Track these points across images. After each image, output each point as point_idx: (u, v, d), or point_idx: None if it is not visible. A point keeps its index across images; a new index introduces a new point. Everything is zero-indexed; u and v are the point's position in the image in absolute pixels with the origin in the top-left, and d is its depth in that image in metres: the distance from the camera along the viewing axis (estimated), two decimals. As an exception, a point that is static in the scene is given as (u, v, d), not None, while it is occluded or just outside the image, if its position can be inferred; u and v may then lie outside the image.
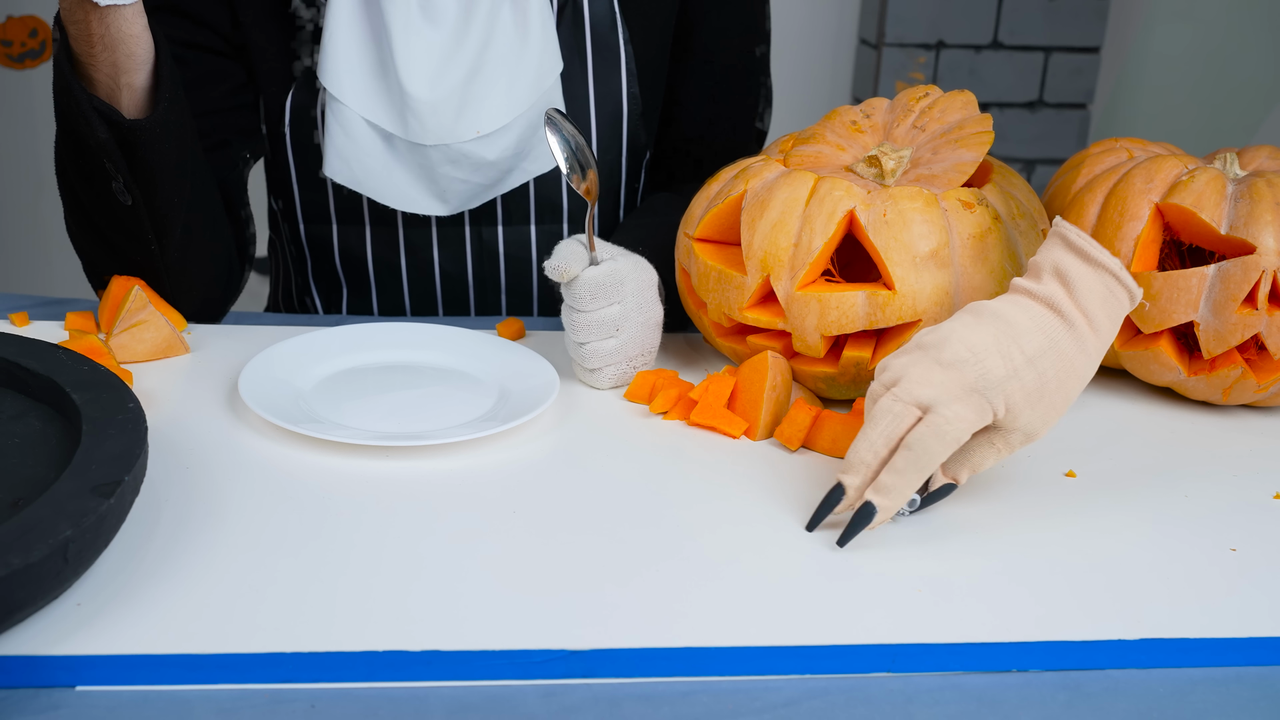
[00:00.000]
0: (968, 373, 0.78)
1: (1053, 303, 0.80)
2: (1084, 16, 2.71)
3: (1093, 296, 0.80)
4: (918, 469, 0.78)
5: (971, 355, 0.78)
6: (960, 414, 0.78)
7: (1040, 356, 0.79)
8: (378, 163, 1.17)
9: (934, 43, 2.69)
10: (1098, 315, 0.80)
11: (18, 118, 2.75)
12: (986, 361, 0.78)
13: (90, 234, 1.08)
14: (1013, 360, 0.78)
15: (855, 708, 0.66)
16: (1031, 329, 0.79)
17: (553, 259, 0.96)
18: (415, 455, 0.87)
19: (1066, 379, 0.80)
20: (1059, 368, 0.79)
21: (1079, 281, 0.80)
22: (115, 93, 0.98)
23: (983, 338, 0.79)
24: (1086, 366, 0.80)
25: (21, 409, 0.82)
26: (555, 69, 1.17)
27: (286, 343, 1.00)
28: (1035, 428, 0.80)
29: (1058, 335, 0.79)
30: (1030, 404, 0.79)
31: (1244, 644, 0.72)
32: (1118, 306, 0.81)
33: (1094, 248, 0.80)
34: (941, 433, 0.77)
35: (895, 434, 0.79)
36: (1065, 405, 0.81)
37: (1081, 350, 0.80)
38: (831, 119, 1.04)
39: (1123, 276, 0.80)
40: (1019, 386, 0.78)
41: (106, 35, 0.95)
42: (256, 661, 0.65)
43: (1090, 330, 0.80)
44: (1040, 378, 0.79)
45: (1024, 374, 0.78)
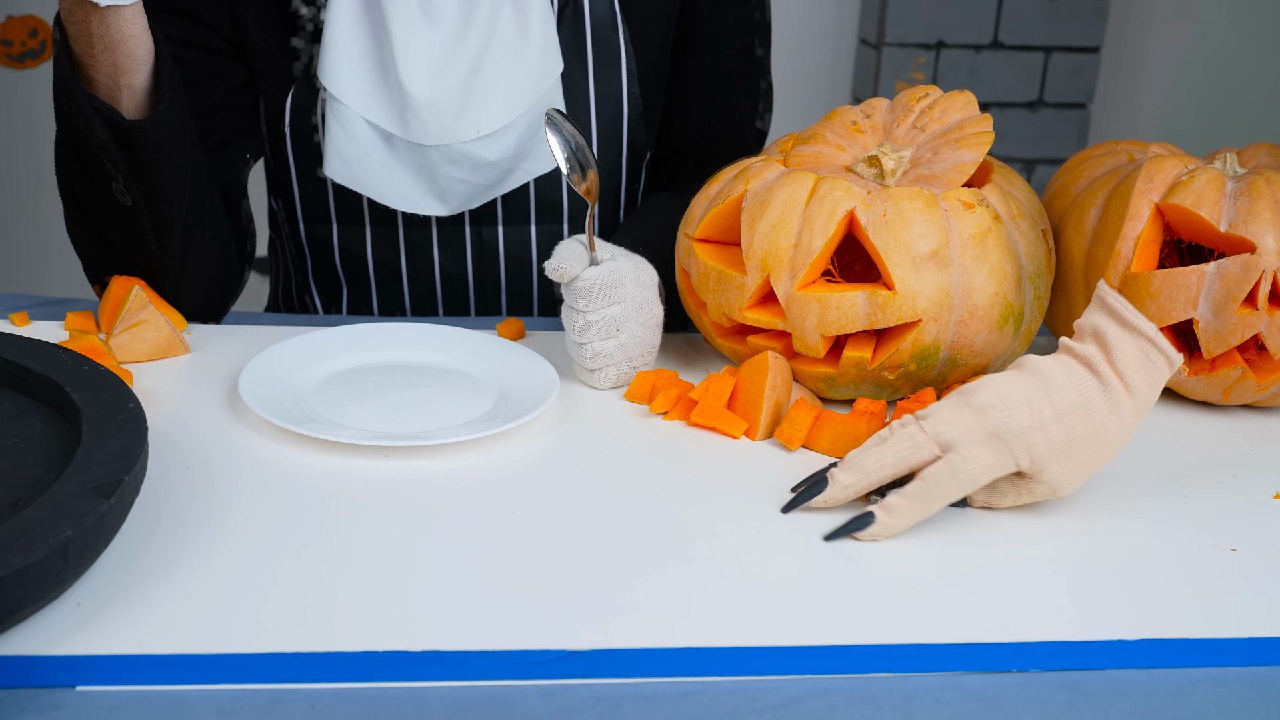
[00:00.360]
0: (992, 418, 0.79)
1: (1091, 363, 0.80)
2: (1084, 16, 2.71)
3: (1129, 360, 0.80)
4: (926, 501, 0.79)
5: (1000, 402, 0.79)
6: (978, 456, 0.79)
7: (1070, 413, 0.79)
8: (378, 163, 1.17)
9: (934, 43, 2.69)
10: (1134, 379, 0.80)
11: (18, 118, 2.75)
12: (1013, 410, 0.79)
13: (90, 234, 1.08)
14: (1041, 413, 0.79)
15: (855, 708, 0.66)
16: (1066, 385, 0.80)
17: (553, 259, 0.96)
18: (415, 455, 0.87)
19: (1096, 439, 0.80)
20: (1089, 426, 0.80)
21: (1116, 345, 0.80)
22: (115, 93, 0.98)
23: (1015, 388, 0.80)
24: (1119, 429, 0.80)
25: (22, 409, 0.82)
26: (555, 69, 1.17)
27: (286, 343, 1.00)
28: (1062, 483, 0.81)
29: (1091, 394, 0.80)
30: (1056, 459, 0.79)
31: (1244, 644, 0.72)
32: (1155, 372, 0.80)
33: (1131, 313, 0.80)
34: (957, 471, 0.79)
35: (906, 459, 0.80)
36: (1095, 465, 0.81)
37: (1114, 412, 0.80)
38: (831, 119, 1.04)
39: (1159, 342, 0.80)
40: (1044, 439, 0.79)
41: (106, 36, 0.95)
42: (256, 661, 0.65)
43: (1126, 393, 0.80)
44: (1068, 434, 0.79)
45: (1050, 428, 0.79)
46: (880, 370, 0.93)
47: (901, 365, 0.93)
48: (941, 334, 0.92)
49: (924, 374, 0.94)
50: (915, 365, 0.93)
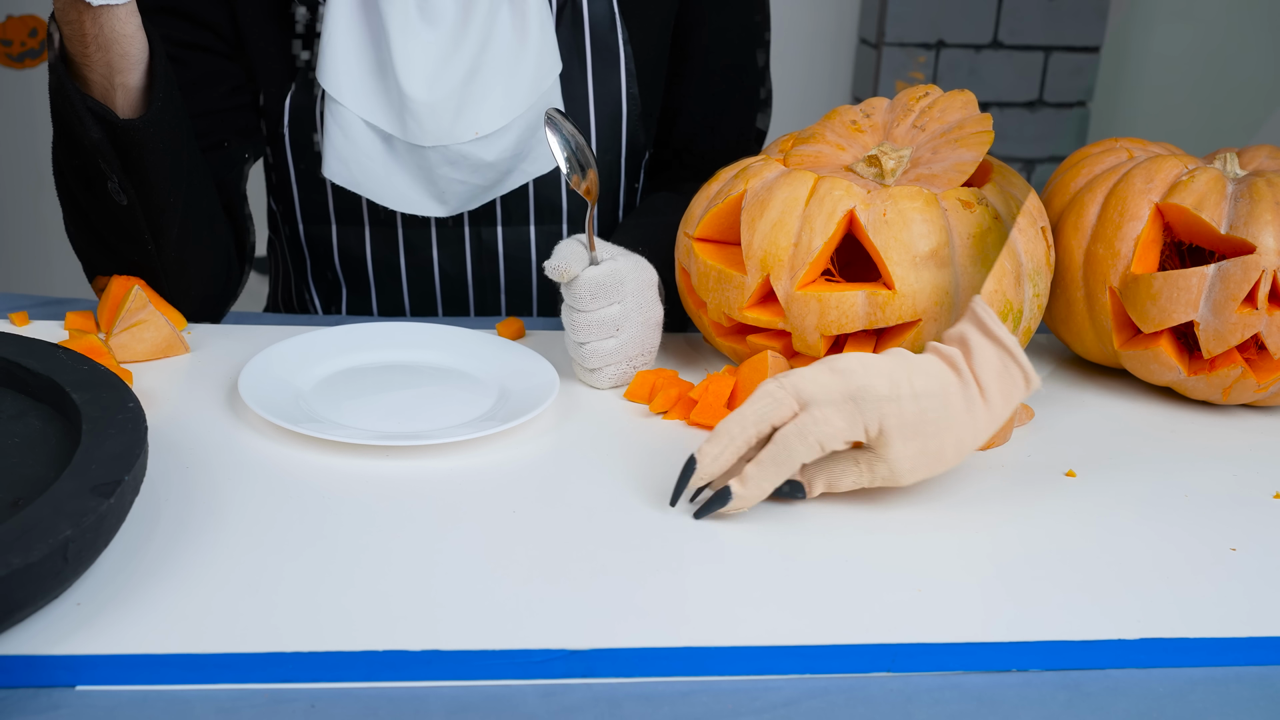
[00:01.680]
0: (852, 381, 0.79)
1: (954, 361, 0.81)
2: (1084, 16, 2.71)
3: (988, 368, 0.81)
4: (778, 465, 0.79)
5: (861, 368, 0.80)
6: (829, 416, 0.79)
7: (927, 396, 0.80)
8: (376, 164, 1.17)
9: (934, 42, 2.69)
10: (991, 387, 0.81)
11: (18, 118, 2.75)
12: (873, 377, 0.79)
13: (87, 235, 1.08)
14: (899, 387, 0.79)
15: (855, 707, 0.66)
16: (930, 372, 0.80)
17: (553, 259, 0.96)
18: (415, 455, 0.87)
19: (945, 431, 0.80)
20: (941, 415, 0.80)
21: (978, 351, 0.81)
22: (110, 93, 0.98)
23: (880, 362, 0.80)
24: (969, 430, 0.81)
25: (21, 409, 0.82)
26: (554, 70, 1.17)
27: (286, 342, 1.00)
28: (902, 467, 0.80)
29: (950, 387, 0.80)
30: (903, 436, 0.79)
31: (1244, 644, 0.72)
32: (1012, 386, 0.81)
33: (995, 324, 0.81)
34: (805, 432, 0.78)
35: (768, 416, 0.80)
36: (939, 461, 0.81)
37: (968, 410, 0.80)
38: (831, 119, 1.04)
39: (1018, 355, 0.81)
40: (896, 411, 0.79)
41: (100, 35, 0.95)
42: (256, 661, 0.65)
43: (981, 398, 0.81)
44: (921, 415, 0.79)
45: (905, 403, 0.79)
46: (880, 370, 0.93)
47: (901, 365, 0.93)
48: (941, 333, 0.92)
49: (924, 373, 0.94)
50: (915, 365, 0.93)
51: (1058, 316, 1.06)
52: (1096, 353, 1.06)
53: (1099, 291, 1.01)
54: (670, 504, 0.81)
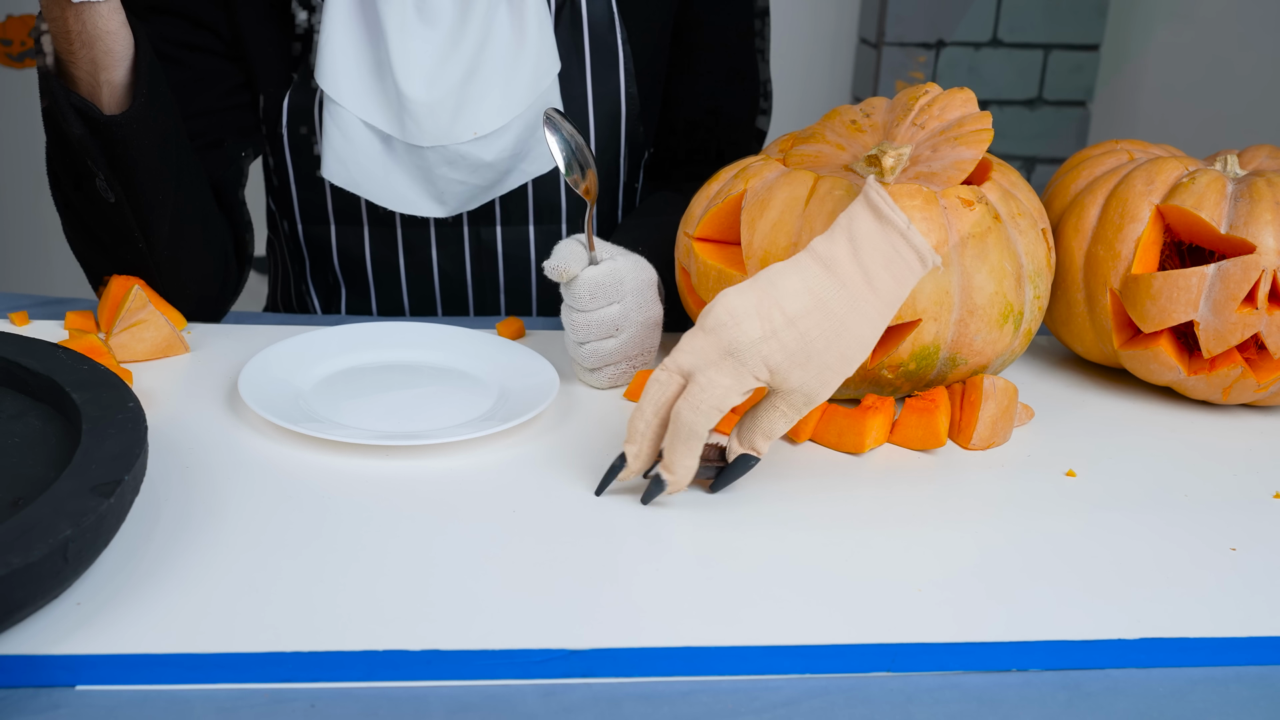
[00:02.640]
0: (724, 336, 0.79)
1: (830, 262, 0.80)
2: (1083, 14, 2.71)
3: (877, 255, 0.80)
4: (684, 440, 0.79)
5: (730, 318, 0.79)
6: (715, 380, 0.79)
7: (803, 316, 0.79)
8: (375, 164, 1.17)
9: (934, 41, 2.69)
10: (880, 275, 0.80)
11: (18, 117, 2.76)
12: (743, 324, 0.79)
13: (83, 235, 1.08)
14: (772, 321, 0.79)
15: (855, 707, 0.66)
16: (798, 290, 0.80)
17: (552, 259, 0.96)
18: (415, 455, 0.87)
19: (837, 339, 0.80)
20: (825, 327, 0.79)
21: (866, 240, 0.80)
22: (96, 90, 0.99)
23: (744, 301, 0.80)
24: (861, 325, 0.80)
25: (21, 408, 0.82)
26: (552, 70, 1.17)
27: (286, 342, 1.00)
28: (812, 388, 0.81)
29: (827, 295, 0.79)
30: (796, 364, 0.79)
31: (1244, 644, 0.72)
32: (904, 268, 0.80)
33: (887, 205, 0.80)
34: (696, 402, 0.79)
35: (661, 400, 0.81)
36: (844, 365, 0.81)
37: (854, 309, 0.80)
38: (831, 118, 1.04)
39: (911, 236, 0.80)
40: (778, 347, 0.79)
41: (84, 32, 0.95)
42: (256, 661, 0.65)
43: (868, 289, 0.80)
44: (802, 338, 0.79)
45: (783, 334, 0.79)
46: (880, 369, 0.93)
47: (901, 364, 0.93)
48: (941, 333, 0.92)
49: (924, 373, 0.94)
50: (915, 364, 0.93)
51: (1058, 317, 1.06)
52: (1096, 353, 1.06)
53: (1099, 292, 1.01)
54: (596, 493, 0.83)
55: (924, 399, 0.93)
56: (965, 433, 0.93)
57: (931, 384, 0.96)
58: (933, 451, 0.93)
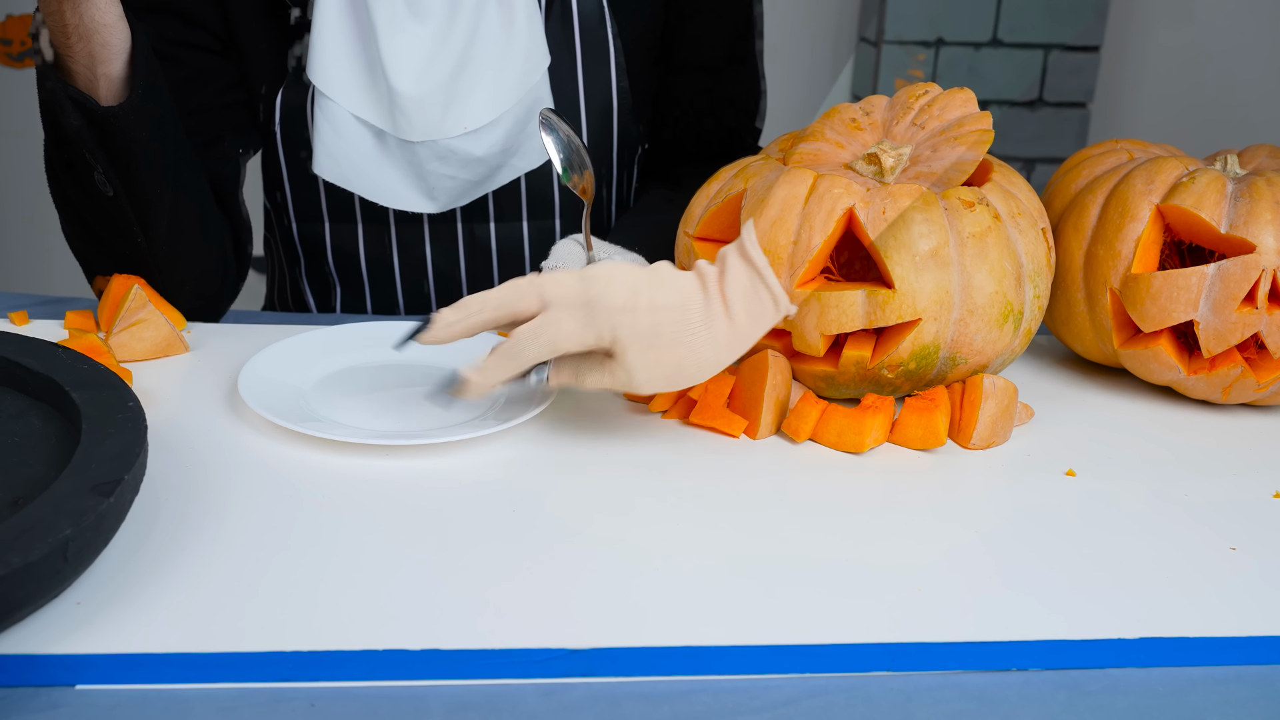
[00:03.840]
0: (592, 289, 0.82)
1: (704, 279, 0.84)
2: (1083, 14, 2.71)
3: (736, 287, 0.83)
4: (510, 359, 0.83)
5: (606, 276, 0.82)
6: (562, 319, 0.82)
7: (665, 309, 0.82)
8: (366, 159, 1.17)
9: (933, 40, 2.69)
10: (737, 306, 0.83)
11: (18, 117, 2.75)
12: (614, 288, 0.82)
13: (82, 233, 1.08)
14: (637, 298, 0.82)
15: (855, 707, 0.66)
16: (673, 288, 0.83)
17: (550, 259, 0.96)
18: (415, 454, 0.87)
19: (681, 345, 0.83)
20: (677, 329, 0.82)
21: (731, 271, 0.84)
22: (93, 83, 0.99)
23: (628, 274, 0.83)
24: (708, 346, 0.83)
25: (21, 408, 0.82)
26: (542, 64, 1.17)
27: (285, 341, 1.00)
28: (638, 375, 0.84)
29: (692, 303, 0.83)
30: (637, 347, 0.82)
31: (1244, 643, 0.72)
32: (759, 306, 0.84)
33: (751, 244, 0.83)
34: (538, 332, 0.82)
35: (507, 305, 0.83)
36: (677, 372, 0.84)
37: (707, 327, 0.83)
38: (831, 117, 1.04)
39: (767, 278, 0.83)
40: (630, 322, 0.82)
41: (80, 25, 0.96)
42: (256, 660, 0.65)
43: (725, 315, 0.83)
44: (655, 328, 0.82)
45: (640, 315, 0.82)
46: (880, 369, 0.93)
47: (901, 364, 0.93)
48: (941, 333, 0.92)
49: (924, 373, 0.94)
50: (915, 364, 0.93)
51: (1058, 317, 1.06)
52: (1096, 353, 1.06)
53: (1099, 292, 1.01)
54: (394, 348, 0.86)
55: (924, 398, 0.93)
56: (965, 432, 0.93)
57: (931, 384, 0.96)
58: (933, 451, 0.93)
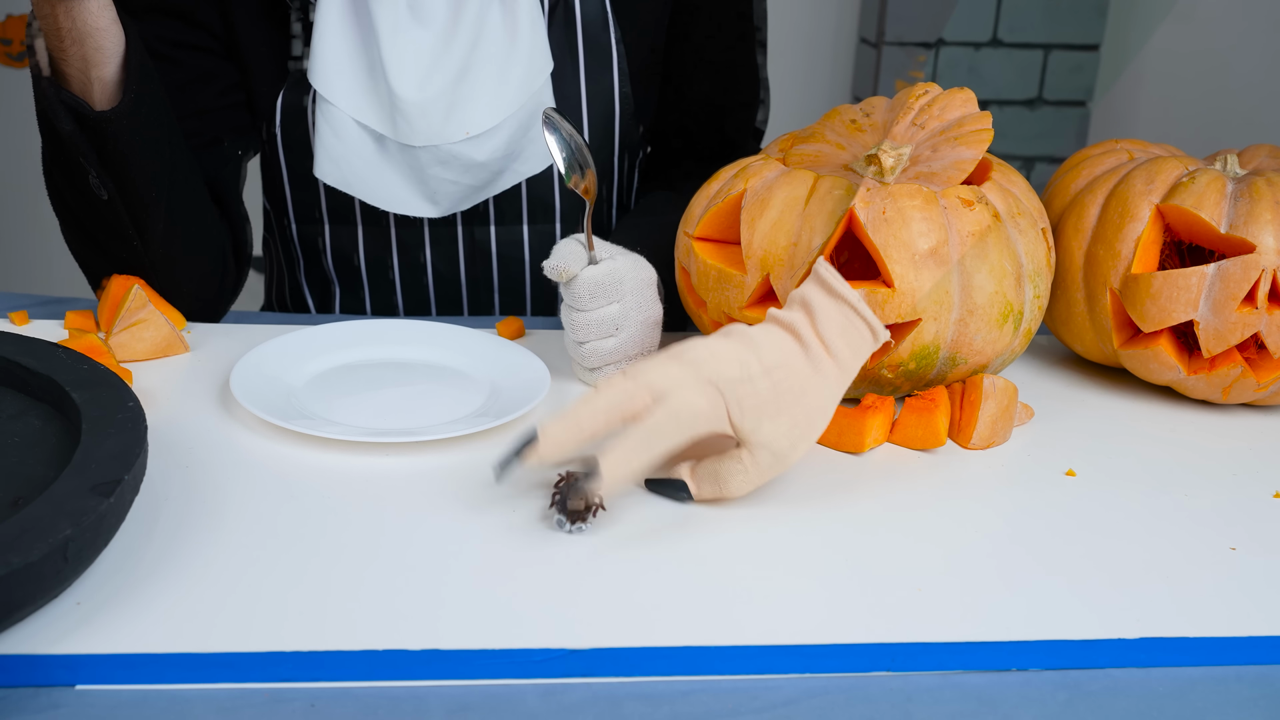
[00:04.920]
0: (704, 369, 0.80)
1: (794, 327, 0.83)
2: (1083, 14, 2.71)
3: (832, 325, 0.82)
4: (647, 444, 0.78)
5: (710, 355, 0.81)
6: (692, 401, 0.79)
7: (776, 368, 0.81)
8: (367, 164, 1.16)
9: (933, 41, 2.69)
10: (836, 343, 0.83)
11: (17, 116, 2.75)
12: (723, 363, 0.81)
13: (80, 235, 1.08)
14: (749, 367, 0.81)
15: (855, 707, 0.66)
16: (770, 345, 0.82)
17: (551, 259, 0.96)
18: (415, 453, 0.87)
19: (803, 395, 0.81)
20: (793, 382, 0.81)
21: (820, 311, 0.83)
22: (87, 86, 0.99)
23: (724, 346, 0.81)
24: (822, 388, 0.82)
25: (21, 408, 0.82)
26: (545, 70, 1.17)
27: (277, 340, 1.00)
28: (782, 446, 0.81)
29: (792, 354, 0.82)
30: (767, 415, 0.80)
31: (1244, 643, 0.72)
32: (858, 338, 0.83)
33: (837, 281, 0.83)
34: (675, 413, 0.78)
35: (619, 407, 0.79)
36: (809, 427, 0.82)
37: (816, 371, 0.82)
38: (831, 118, 1.04)
39: (861, 309, 0.83)
40: (751, 391, 0.80)
41: (74, 29, 0.96)
42: (256, 660, 0.65)
43: (827, 355, 0.82)
44: (775, 388, 0.81)
45: (758, 381, 0.80)
46: (880, 369, 0.93)
47: (901, 364, 0.93)
48: (941, 332, 0.92)
49: (923, 373, 0.94)
50: (915, 364, 0.93)
51: (1058, 317, 1.06)
52: (1096, 353, 1.06)
53: (1099, 292, 1.01)
54: (495, 477, 0.79)
55: (924, 398, 0.93)
56: (965, 432, 0.93)
57: (931, 384, 0.96)
58: (933, 451, 0.93)
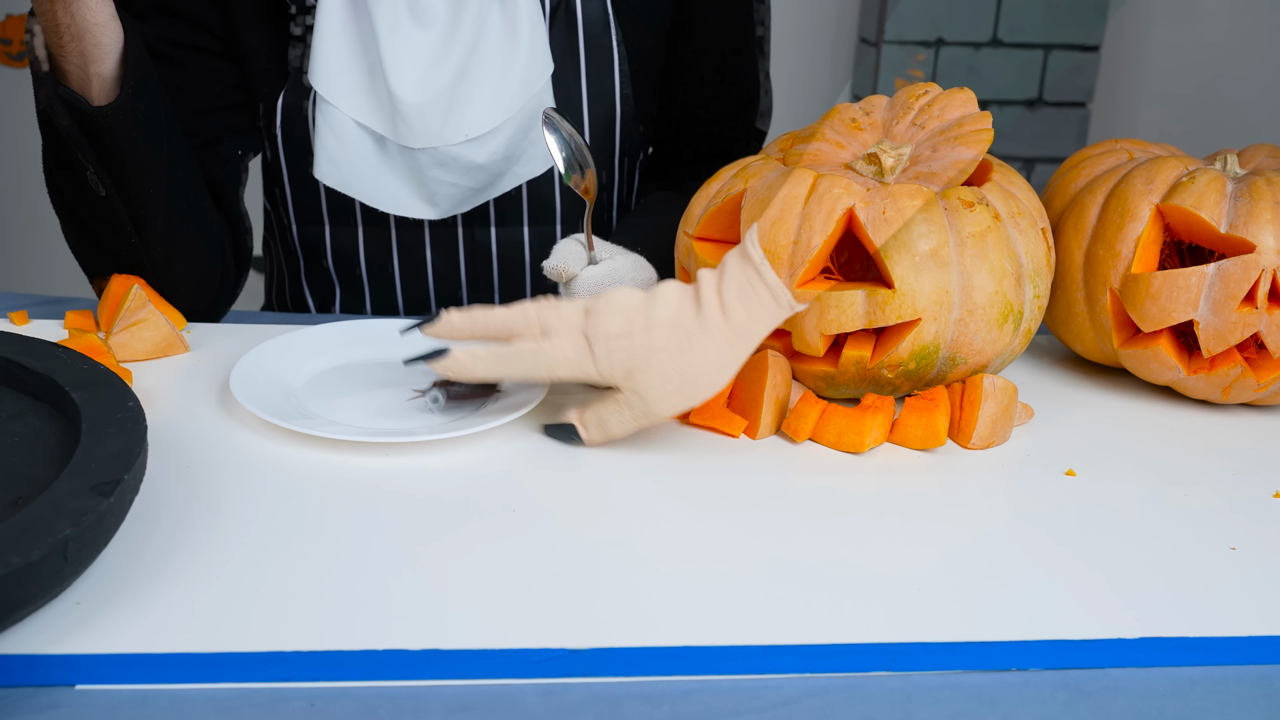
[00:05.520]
0: (590, 320, 0.85)
1: (699, 286, 0.85)
2: (1083, 14, 2.71)
3: (733, 285, 0.85)
4: (503, 363, 0.86)
5: (605, 307, 0.85)
6: (561, 345, 0.85)
7: (660, 325, 0.84)
8: (367, 165, 1.16)
9: (933, 40, 2.69)
10: (733, 304, 0.85)
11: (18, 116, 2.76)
12: (611, 316, 0.85)
13: (80, 233, 1.08)
14: (634, 323, 0.84)
15: (855, 706, 0.66)
16: (669, 303, 0.85)
17: (552, 259, 0.96)
18: (415, 453, 0.87)
19: (681, 355, 0.84)
20: (672, 340, 0.84)
21: (729, 271, 0.85)
22: (86, 83, 0.99)
23: (628, 298, 0.85)
24: (710, 349, 0.84)
25: (21, 407, 0.82)
26: (545, 72, 1.16)
27: (277, 340, 1.00)
28: (649, 395, 0.85)
29: (684, 312, 0.85)
30: (638, 368, 0.85)
31: (1243, 643, 0.72)
32: (757, 302, 0.85)
33: (750, 242, 0.85)
34: (537, 352, 0.85)
35: (510, 325, 0.86)
36: (687, 385, 0.85)
37: (703, 331, 0.84)
38: (831, 117, 1.04)
39: (764, 272, 0.84)
40: (625, 345, 0.84)
41: (72, 25, 0.96)
42: (256, 660, 0.65)
43: (721, 315, 0.84)
44: (650, 344, 0.84)
45: (636, 337, 0.84)
46: (880, 369, 0.93)
47: (901, 364, 0.93)
48: (941, 333, 0.92)
49: (923, 373, 0.94)
50: (915, 364, 0.93)
51: (1058, 317, 1.06)
52: (1096, 353, 1.06)
53: (1099, 292, 1.01)
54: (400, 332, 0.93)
55: (924, 398, 0.93)
56: (965, 432, 0.93)
57: (931, 383, 0.96)
58: (932, 451, 0.93)
